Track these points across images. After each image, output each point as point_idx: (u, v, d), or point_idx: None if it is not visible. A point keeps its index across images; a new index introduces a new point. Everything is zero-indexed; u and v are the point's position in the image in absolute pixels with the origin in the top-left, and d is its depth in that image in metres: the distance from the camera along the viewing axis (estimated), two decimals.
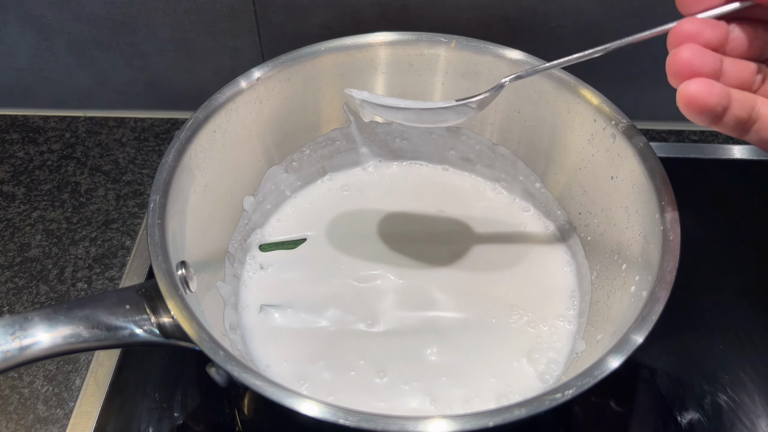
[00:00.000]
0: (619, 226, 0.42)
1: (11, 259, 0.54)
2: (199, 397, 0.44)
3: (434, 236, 0.50)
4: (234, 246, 0.47)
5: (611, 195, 0.43)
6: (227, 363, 0.30)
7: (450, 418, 0.28)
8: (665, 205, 0.37)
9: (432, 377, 0.41)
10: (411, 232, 0.50)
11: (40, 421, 0.44)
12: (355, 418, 0.28)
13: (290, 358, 0.42)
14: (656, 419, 0.44)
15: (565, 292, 0.46)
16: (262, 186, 0.49)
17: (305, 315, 0.44)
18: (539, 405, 0.29)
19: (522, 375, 0.41)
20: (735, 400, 0.45)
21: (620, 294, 0.39)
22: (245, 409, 0.44)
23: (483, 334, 0.43)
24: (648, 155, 0.39)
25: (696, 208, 0.44)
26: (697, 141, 0.64)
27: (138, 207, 0.58)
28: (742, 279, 0.52)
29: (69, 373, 0.47)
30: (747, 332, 0.48)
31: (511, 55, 0.46)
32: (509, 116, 0.49)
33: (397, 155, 0.55)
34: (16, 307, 0.51)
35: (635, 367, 0.46)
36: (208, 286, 0.41)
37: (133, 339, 0.33)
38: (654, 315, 0.32)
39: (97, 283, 0.53)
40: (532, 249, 0.49)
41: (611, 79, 0.61)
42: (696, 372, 0.46)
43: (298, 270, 0.47)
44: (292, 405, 0.28)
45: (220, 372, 0.33)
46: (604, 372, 0.30)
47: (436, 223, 0.51)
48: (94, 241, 0.55)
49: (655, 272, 0.35)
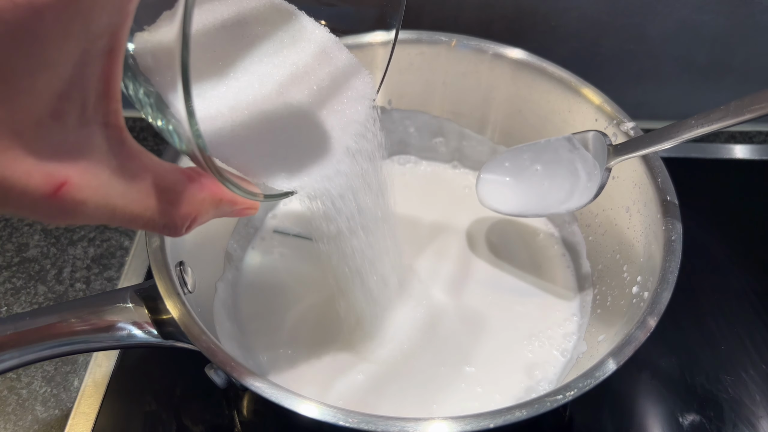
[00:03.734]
0: (621, 226, 0.42)
1: (9, 260, 0.54)
2: (197, 398, 0.44)
3: (435, 232, 0.50)
4: (233, 246, 0.47)
5: (613, 195, 0.43)
6: (226, 364, 0.30)
7: (451, 419, 0.28)
8: (667, 205, 0.37)
9: (431, 376, 0.41)
10: (409, 229, 0.50)
11: (39, 422, 0.44)
12: (355, 419, 0.28)
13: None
14: (658, 420, 0.43)
15: (566, 292, 0.46)
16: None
17: (299, 320, 0.44)
18: (540, 406, 0.28)
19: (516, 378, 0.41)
20: (736, 401, 0.44)
21: (622, 294, 0.39)
22: (244, 410, 0.44)
23: (483, 334, 0.43)
24: (649, 155, 0.39)
25: (697, 208, 0.44)
26: (698, 141, 0.64)
27: None
28: (743, 279, 0.52)
29: (67, 374, 0.47)
30: (748, 332, 0.48)
31: (512, 54, 0.46)
32: (510, 116, 0.49)
33: (400, 152, 0.55)
34: (14, 308, 0.51)
35: (637, 368, 0.46)
36: (206, 287, 0.41)
37: (132, 340, 0.33)
38: (656, 316, 0.32)
39: (96, 283, 0.52)
40: (532, 248, 0.49)
41: (613, 79, 0.61)
42: (697, 372, 0.46)
43: (297, 271, 0.47)
44: (291, 406, 0.28)
45: (218, 373, 0.33)
46: (605, 373, 0.30)
47: (435, 219, 0.51)
48: (92, 241, 0.55)
49: (657, 272, 0.34)
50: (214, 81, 0.25)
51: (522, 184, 0.44)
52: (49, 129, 0.17)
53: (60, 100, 0.17)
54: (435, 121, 0.52)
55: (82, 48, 0.17)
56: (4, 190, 0.17)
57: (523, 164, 0.44)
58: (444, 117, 0.52)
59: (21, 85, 0.16)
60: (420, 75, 0.49)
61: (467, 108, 0.51)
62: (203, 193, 0.23)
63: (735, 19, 0.57)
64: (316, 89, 0.27)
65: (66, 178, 0.18)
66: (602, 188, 0.38)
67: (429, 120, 0.52)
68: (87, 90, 0.18)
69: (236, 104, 0.25)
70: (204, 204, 0.24)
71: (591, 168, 0.39)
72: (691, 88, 0.63)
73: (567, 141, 0.41)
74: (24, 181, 0.17)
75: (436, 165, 0.55)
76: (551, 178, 0.42)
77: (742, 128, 0.65)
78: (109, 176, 0.20)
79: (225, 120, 0.24)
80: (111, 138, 0.20)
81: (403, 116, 0.52)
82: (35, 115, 0.17)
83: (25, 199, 0.18)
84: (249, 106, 0.25)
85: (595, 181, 0.39)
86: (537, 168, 0.43)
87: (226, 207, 0.25)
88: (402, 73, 0.49)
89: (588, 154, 0.39)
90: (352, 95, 0.28)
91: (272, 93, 0.26)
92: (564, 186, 0.41)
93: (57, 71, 0.17)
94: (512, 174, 0.44)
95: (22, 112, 0.16)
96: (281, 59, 0.27)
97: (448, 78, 0.49)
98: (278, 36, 0.27)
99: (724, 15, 0.56)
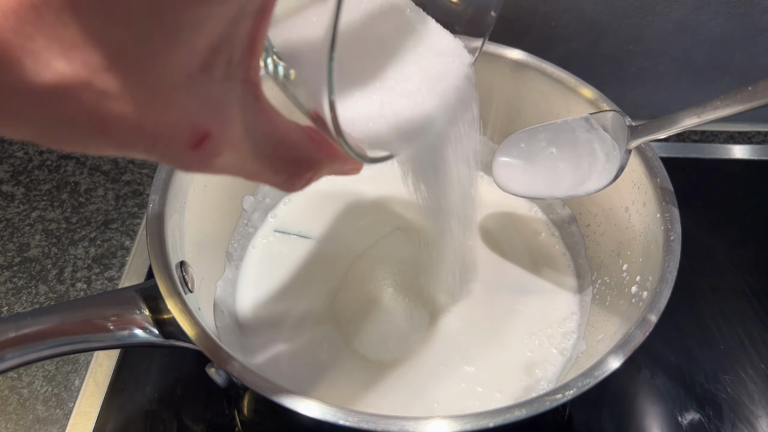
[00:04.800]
0: (620, 226, 0.42)
1: (10, 260, 0.54)
2: (198, 398, 0.44)
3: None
4: (233, 246, 0.47)
5: (612, 195, 0.43)
6: (227, 363, 0.30)
7: (450, 418, 0.28)
8: (666, 205, 0.37)
9: (429, 376, 0.41)
10: (411, 228, 0.50)
11: (40, 421, 0.44)
12: (355, 418, 0.28)
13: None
14: (657, 419, 0.44)
15: (566, 291, 0.46)
16: (261, 186, 0.49)
17: (299, 319, 0.44)
18: (540, 405, 0.28)
19: (516, 377, 0.41)
20: (735, 400, 0.44)
21: (621, 294, 0.39)
22: (245, 410, 0.44)
23: (484, 333, 0.43)
24: (649, 155, 0.39)
25: (697, 208, 0.44)
26: (697, 141, 0.64)
27: (137, 207, 0.58)
28: (742, 279, 0.52)
29: (68, 373, 0.47)
30: (747, 332, 0.48)
31: (512, 54, 0.46)
32: (509, 116, 0.49)
33: None
34: (15, 308, 0.51)
35: (636, 368, 0.46)
36: (207, 286, 0.41)
37: (133, 339, 0.33)
38: (654, 315, 0.32)
39: (97, 283, 0.53)
40: (533, 248, 0.49)
41: (611, 79, 0.61)
42: (696, 372, 0.46)
43: (297, 271, 0.47)
44: (291, 405, 0.28)
45: (219, 372, 0.33)
46: (604, 372, 0.30)
47: None
48: (93, 241, 0.55)
49: (656, 272, 0.34)
50: (347, 58, 0.26)
51: (539, 166, 0.43)
52: (198, 82, 0.18)
53: (211, 54, 0.17)
54: None
55: (240, 4, 0.17)
56: (153, 139, 0.17)
57: (539, 145, 0.42)
58: None
59: (182, 37, 0.16)
60: None
61: None
62: (321, 153, 0.24)
63: (734, 20, 0.57)
64: (434, 81, 0.28)
65: (208, 130, 0.19)
66: (622, 170, 0.37)
67: None
68: (235, 45, 0.18)
69: (369, 86, 0.26)
70: (321, 162, 0.24)
71: (610, 149, 0.38)
72: (691, 88, 0.64)
73: (585, 121, 0.40)
74: (171, 131, 0.18)
75: None
76: (568, 160, 0.41)
77: (741, 128, 0.65)
78: (244, 131, 0.20)
79: (359, 98, 0.26)
80: (249, 93, 0.20)
81: None
82: (189, 67, 0.17)
83: (170, 149, 0.18)
84: (382, 94, 0.26)
85: (615, 162, 0.38)
86: (553, 149, 0.42)
87: (337, 166, 0.26)
88: None
89: (606, 134, 0.38)
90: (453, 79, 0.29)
91: (406, 84, 0.27)
92: (582, 167, 0.40)
93: (215, 25, 0.17)
94: (528, 156, 0.43)
95: (178, 64, 0.17)
96: (410, 54, 0.28)
97: None
98: (406, 33, 0.28)
99: (723, 15, 0.56)
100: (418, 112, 0.26)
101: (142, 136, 0.17)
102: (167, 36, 0.16)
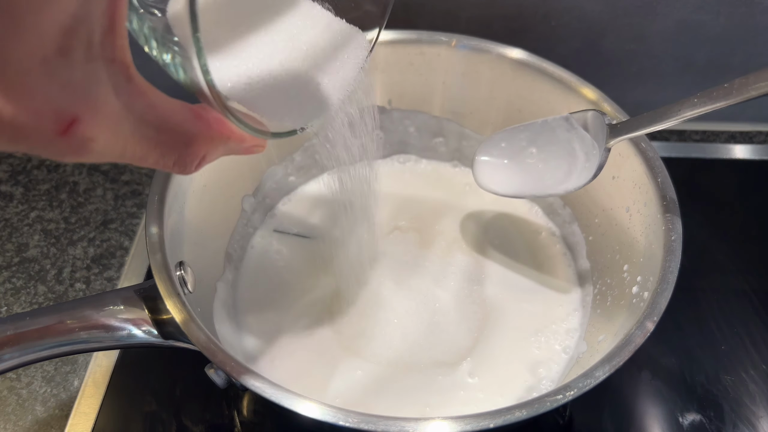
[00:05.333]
0: (621, 226, 0.42)
1: (9, 260, 0.54)
2: (197, 398, 0.44)
3: (435, 230, 0.50)
4: (233, 246, 0.47)
5: (613, 195, 0.43)
6: (226, 364, 0.30)
7: (451, 419, 0.28)
8: (667, 204, 0.37)
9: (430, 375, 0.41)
10: (411, 228, 0.50)
11: (39, 422, 0.44)
12: (355, 419, 0.28)
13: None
14: (657, 420, 0.43)
15: (567, 288, 0.46)
16: (261, 186, 0.49)
17: (298, 319, 0.44)
18: (540, 406, 0.28)
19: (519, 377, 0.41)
20: (736, 401, 0.44)
21: (622, 294, 0.39)
22: (244, 411, 0.44)
23: (485, 333, 0.43)
24: (650, 155, 0.39)
25: (697, 208, 0.44)
26: (698, 141, 0.64)
27: (136, 207, 0.58)
28: (743, 279, 0.52)
29: (67, 374, 0.47)
30: (748, 332, 0.48)
31: (512, 53, 0.46)
32: (510, 115, 0.49)
33: (399, 151, 0.55)
34: (14, 308, 0.51)
35: (637, 368, 0.46)
36: (206, 287, 0.41)
37: (132, 340, 0.33)
38: (655, 316, 0.32)
39: (96, 283, 0.52)
40: (533, 247, 0.49)
41: (612, 79, 0.61)
42: (697, 372, 0.46)
43: (296, 270, 0.47)
44: (291, 406, 0.28)
45: (218, 373, 0.33)
46: (605, 373, 0.30)
47: (436, 219, 0.51)
48: (92, 241, 0.55)
49: (657, 272, 0.34)
50: (222, 27, 0.25)
51: (519, 165, 0.43)
52: (56, 66, 0.17)
53: (66, 36, 0.17)
54: (435, 121, 0.52)
55: None
56: (15, 129, 0.17)
57: (520, 144, 0.43)
58: (444, 117, 0.52)
59: (25, 21, 0.16)
60: (420, 75, 0.49)
61: (467, 108, 0.51)
62: (212, 131, 0.23)
63: (735, 19, 0.57)
64: (319, 53, 0.28)
65: (75, 115, 0.18)
66: (601, 168, 0.38)
67: (429, 120, 0.52)
68: (92, 25, 0.18)
69: (244, 51, 0.25)
70: (213, 141, 0.24)
71: (589, 148, 0.39)
72: (691, 87, 0.63)
73: (564, 120, 0.40)
74: (34, 119, 0.17)
75: (437, 163, 0.55)
76: (548, 159, 0.41)
77: (742, 128, 0.65)
78: (118, 113, 0.20)
79: (235, 62, 0.25)
80: (118, 74, 0.20)
81: (403, 116, 0.52)
82: (41, 53, 0.17)
83: (37, 138, 0.18)
84: (258, 55, 0.25)
85: (594, 161, 0.38)
86: (533, 149, 0.42)
87: (234, 144, 0.25)
88: (402, 73, 0.49)
89: (586, 133, 0.39)
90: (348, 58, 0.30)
91: (283, 46, 0.26)
92: (562, 166, 0.40)
93: (61, 6, 0.16)
94: (509, 155, 0.43)
95: (28, 49, 0.16)
96: (285, 23, 0.27)
97: (448, 78, 0.49)
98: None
99: (723, 15, 0.56)
100: (295, 68, 0.26)
101: (1, 127, 0.17)
102: (7, 23, 0.15)
